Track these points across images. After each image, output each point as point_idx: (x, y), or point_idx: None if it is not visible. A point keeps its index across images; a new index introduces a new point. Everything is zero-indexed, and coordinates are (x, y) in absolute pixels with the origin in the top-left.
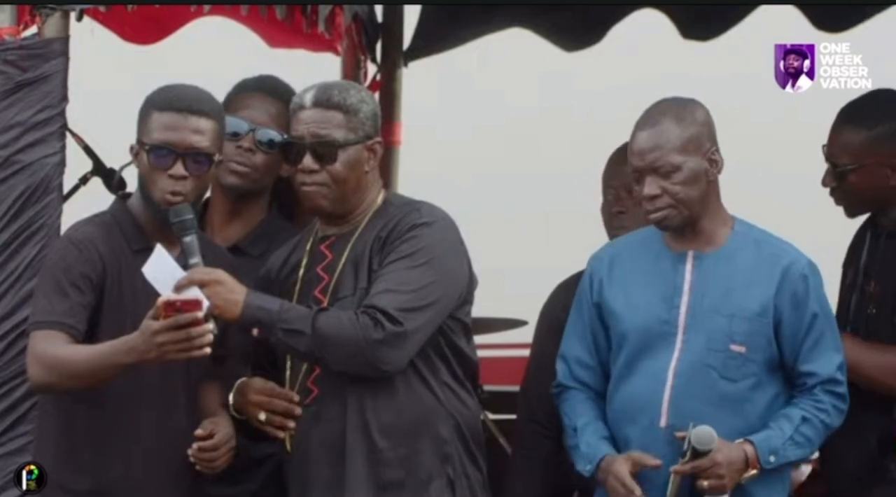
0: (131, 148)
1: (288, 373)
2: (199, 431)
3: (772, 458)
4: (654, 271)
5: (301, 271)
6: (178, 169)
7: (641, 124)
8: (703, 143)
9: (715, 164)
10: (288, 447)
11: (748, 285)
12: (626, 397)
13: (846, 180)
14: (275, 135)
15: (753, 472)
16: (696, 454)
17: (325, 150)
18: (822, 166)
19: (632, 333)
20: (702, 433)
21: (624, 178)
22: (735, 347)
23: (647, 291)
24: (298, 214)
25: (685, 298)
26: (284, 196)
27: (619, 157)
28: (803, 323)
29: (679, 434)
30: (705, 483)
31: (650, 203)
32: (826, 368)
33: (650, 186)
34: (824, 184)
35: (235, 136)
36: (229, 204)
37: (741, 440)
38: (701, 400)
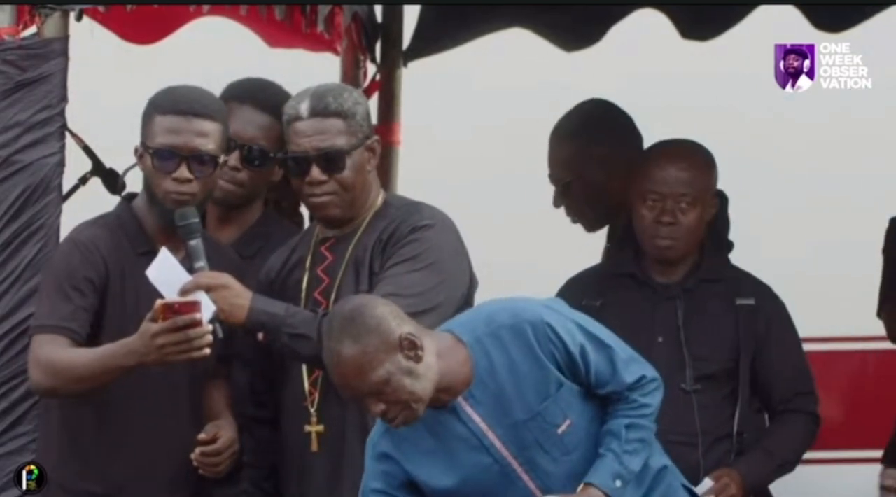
0: (135, 150)
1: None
2: (202, 436)
3: (618, 483)
4: (443, 434)
5: (303, 273)
6: (183, 172)
7: (329, 362)
8: (391, 339)
9: (415, 345)
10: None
11: (524, 376)
12: None
13: (571, 194)
14: (265, 149)
15: None
16: None
17: (331, 160)
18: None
19: (474, 494)
20: None
21: (670, 183)
22: (562, 429)
23: (456, 453)
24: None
25: (491, 436)
26: (285, 195)
27: (656, 159)
28: (577, 362)
29: None
30: None
31: (385, 417)
32: (619, 381)
33: (376, 406)
34: (556, 205)
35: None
36: (221, 210)
37: (581, 487)
38: (570, 485)
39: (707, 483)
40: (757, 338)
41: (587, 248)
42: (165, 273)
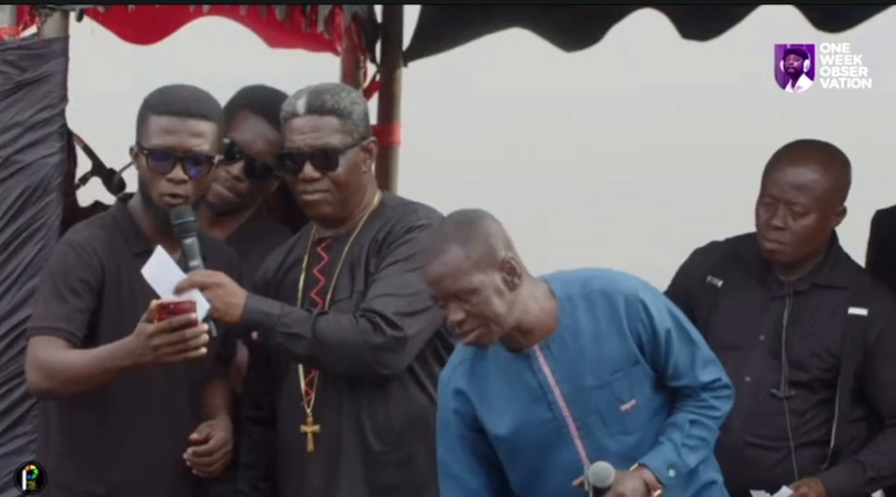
0: (131, 150)
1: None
2: (194, 436)
3: (671, 472)
4: (512, 379)
5: (299, 273)
6: (178, 172)
7: (429, 254)
8: (495, 255)
9: (514, 271)
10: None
11: (605, 346)
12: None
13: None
14: (270, 165)
15: (658, 492)
16: (598, 492)
17: (325, 158)
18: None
19: (526, 447)
20: (599, 470)
21: (782, 187)
22: (626, 407)
23: (518, 401)
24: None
25: (557, 392)
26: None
27: (776, 160)
28: (660, 345)
29: (576, 481)
30: None
31: (459, 327)
32: (695, 377)
33: (455, 313)
34: None
35: (227, 159)
36: (213, 213)
37: (635, 466)
38: (620, 464)
39: (785, 491)
40: (866, 349)
41: (588, 247)
42: (160, 272)
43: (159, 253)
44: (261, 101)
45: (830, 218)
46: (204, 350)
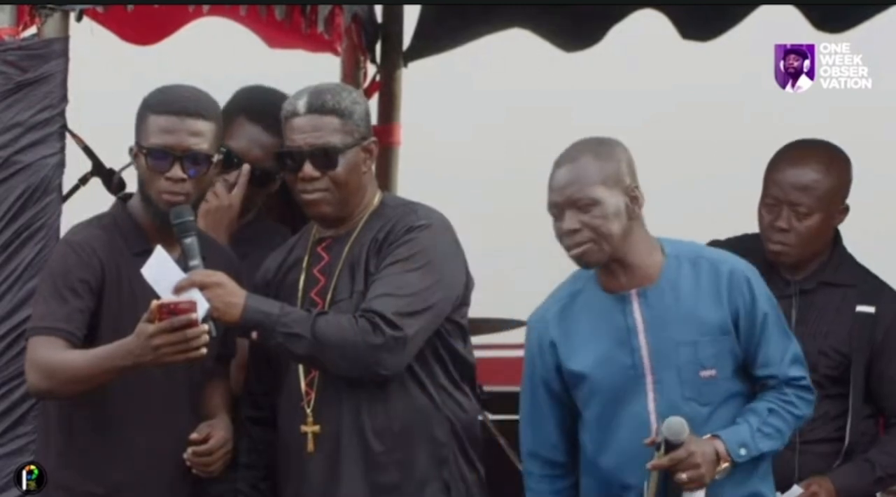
0: (130, 149)
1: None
2: (194, 435)
3: (742, 451)
4: (602, 319)
5: (299, 273)
6: (177, 172)
7: (561, 161)
8: (623, 179)
9: (636, 200)
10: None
11: (701, 307)
12: (616, 450)
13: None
14: (269, 170)
15: (725, 465)
16: (670, 447)
17: (324, 157)
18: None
19: (601, 388)
20: (674, 424)
21: (785, 189)
22: (705, 373)
23: (602, 341)
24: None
25: (642, 338)
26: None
27: (777, 161)
28: (756, 327)
29: (647, 440)
30: (684, 476)
31: (570, 238)
32: (783, 369)
33: (570, 221)
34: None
35: (225, 168)
36: None
37: (708, 436)
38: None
39: (796, 490)
40: (872, 347)
41: None
42: (160, 271)
43: (159, 252)
44: (256, 108)
45: (834, 217)
46: (204, 350)
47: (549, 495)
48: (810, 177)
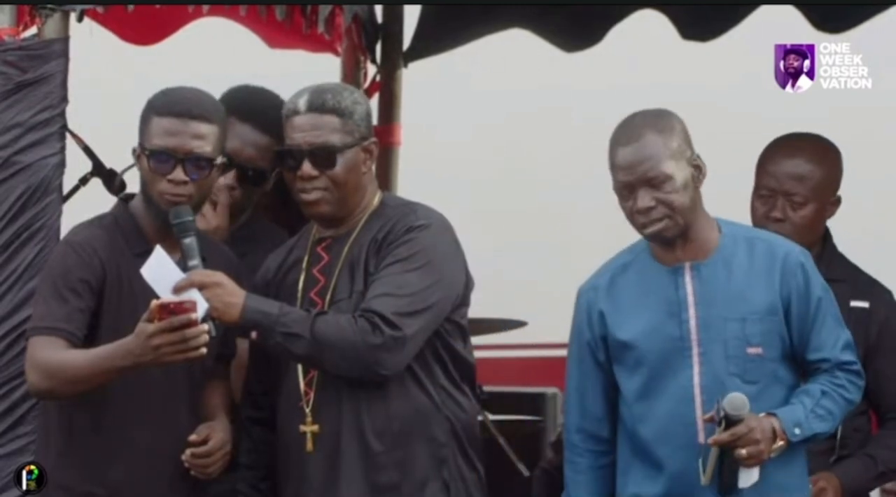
0: (133, 150)
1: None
2: (192, 437)
3: (797, 431)
4: (653, 290)
5: (299, 273)
6: (179, 174)
7: (624, 140)
8: (686, 150)
9: (699, 169)
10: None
11: (752, 286)
12: (655, 421)
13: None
14: (262, 169)
15: (781, 443)
16: (731, 422)
17: (323, 156)
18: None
19: (646, 358)
20: (735, 399)
21: (780, 179)
22: (752, 350)
23: (651, 312)
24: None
25: (692, 311)
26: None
27: (770, 153)
28: (809, 311)
29: (705, 416)
30: (743, 452)
31: (645, 216)
32: (835, 354)
33: (644, 199)
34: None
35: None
36: None
37: (764, 414)
38: None
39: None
40: (867, 342)
41: (588, 247)
42: (160, 271)
43: (158, 253)
44: (246, 107)
45: (826, 208)
46: (204, 350)
47: (591, 470)
48: (804, 167)
